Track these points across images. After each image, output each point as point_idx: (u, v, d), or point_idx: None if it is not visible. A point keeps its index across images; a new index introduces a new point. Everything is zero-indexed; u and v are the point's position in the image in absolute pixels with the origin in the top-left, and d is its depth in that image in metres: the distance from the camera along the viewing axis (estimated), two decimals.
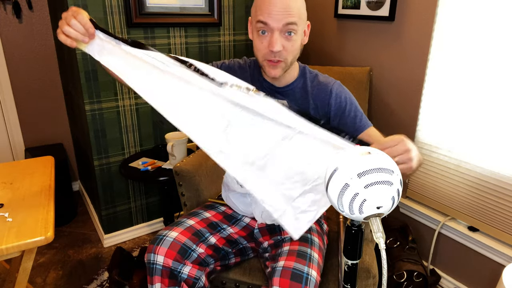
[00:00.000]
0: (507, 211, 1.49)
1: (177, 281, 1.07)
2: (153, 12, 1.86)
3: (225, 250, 1.18)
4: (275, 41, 1.00)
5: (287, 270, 0.99)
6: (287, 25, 0.99)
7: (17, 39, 2.24)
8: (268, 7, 0.98)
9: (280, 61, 1.05)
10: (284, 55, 1.04)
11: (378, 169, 0.63)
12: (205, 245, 1.13)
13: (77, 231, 2.24)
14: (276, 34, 1.00)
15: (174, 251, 1.07)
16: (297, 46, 1.06)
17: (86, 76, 1.77)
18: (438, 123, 1.68)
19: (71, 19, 0.89)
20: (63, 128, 2.54)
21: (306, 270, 0.99)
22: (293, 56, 1.07)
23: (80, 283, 1.80)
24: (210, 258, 1.14)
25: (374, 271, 1.20)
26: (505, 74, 1.41)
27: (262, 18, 1.00)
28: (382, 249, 0.64)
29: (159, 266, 1.05)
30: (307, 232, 1.14)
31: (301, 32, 1.06)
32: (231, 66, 1.21)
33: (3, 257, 1.06)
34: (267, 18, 0.99)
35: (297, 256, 1.03)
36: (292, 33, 1.01)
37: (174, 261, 1.06)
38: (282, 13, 0.98)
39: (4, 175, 1.40)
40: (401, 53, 1.77)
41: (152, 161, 1.90)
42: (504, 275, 1.15)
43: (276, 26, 0.99)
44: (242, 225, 1.26)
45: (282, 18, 0.98)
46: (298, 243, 1.09)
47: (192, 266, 1.09)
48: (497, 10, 1.40)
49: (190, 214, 1.24)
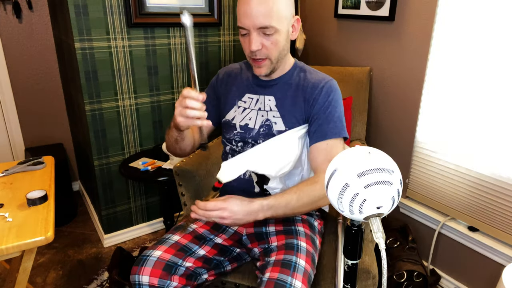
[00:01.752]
0: (507, 211, 1.49)
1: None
2: (153, 12, 1.86)
3: (217, 259, 1.16)
4: (252, 41, 1.08)
5: (271, 281, 0.98)
6: (262, 28, 1.06)
7: (17, 39, 2.24)
8: (243, 12, 1.06)
9: (263, 60, 1.12)
10: (265, 53, 1.10)
11: (378, 169, 0.63)
12: (193, 258, 1.11)
13: (77, 231, 2.24)
14: (254, 34, 1.07)
15: (159, 269, 1.05)
16: (279, 43, 1.10)
17: (86, 76, 1.77)
18: (438, 123, 1.68)
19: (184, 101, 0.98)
20: (63, 128, 2.54)
21: (289, 281, 0.97)
22: (278, 52, 1.12)
23: (80, 283, 1.80)
24: (201, 269, 1.12)
25: (374, 271, 1.19)
26: (505, 74, 1.41)
27: (240, 23, 1.09)
28: (382, 249, 0.64)
29: (145, 287, 1.04)
30: (294, 237, 1.13)
31: (285, 29, 1.10)
32: (229, 72, 1.33)
33: (3, 257, 1.07)
34: (243, 23, 1.07)
35: (281, 267, 1.02)
36: (269, 33, 1.07)
37: (160, 279, 1.04)
38: (256, 17, 1.04)
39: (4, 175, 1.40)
40: (401, 53, 1.77)
41: (152, 161, 1.90)
42: (504, 275, 1.15)
43: (252, 27, 1.06)
44: (230, 232, 1.24)
45: (255, 21, 1.05)
46: (283, 251, 1.07)
47: (179, 281, 1.07)
48: (497, 10, 1.40)
49: (175, 228, 1.21)
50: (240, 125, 1.24)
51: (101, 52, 1.78)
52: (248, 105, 1.24)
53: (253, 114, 1.22)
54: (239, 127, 1.24)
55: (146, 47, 1.90)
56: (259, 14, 1.04)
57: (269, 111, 1.20)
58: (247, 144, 1.23)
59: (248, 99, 1.25)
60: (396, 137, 1.87)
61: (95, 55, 1.77)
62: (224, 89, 1.31)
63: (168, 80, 2.03)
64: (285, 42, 1.12)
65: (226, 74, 1.33)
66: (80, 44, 1.72)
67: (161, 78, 2.00)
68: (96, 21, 1.73)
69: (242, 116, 1.24)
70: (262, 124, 1.20)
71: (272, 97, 1.20)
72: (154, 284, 1.04)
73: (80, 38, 1.71)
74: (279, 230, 1.18)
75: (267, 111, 1.20)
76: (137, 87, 1.94)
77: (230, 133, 1.27)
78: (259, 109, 1.22)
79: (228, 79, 1.31)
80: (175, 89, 2.06)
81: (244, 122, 1.23)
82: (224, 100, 1.30)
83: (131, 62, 1.88)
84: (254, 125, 1.21)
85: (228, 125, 1.27)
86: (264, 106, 1.21)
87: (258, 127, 1.20)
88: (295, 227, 1.19)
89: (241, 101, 1.25)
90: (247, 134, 1.22)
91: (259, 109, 1.22)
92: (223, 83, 1.32)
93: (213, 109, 1.31)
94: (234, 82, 1.29)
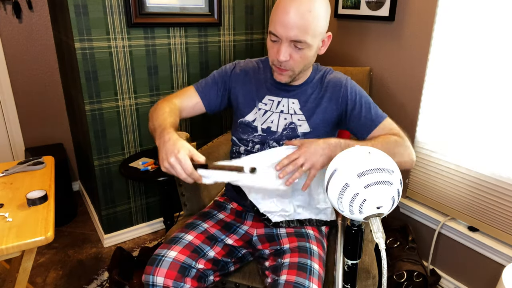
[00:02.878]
0: (507, 211, 1.49)
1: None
2: (153, 12, 1.86)
3: (224, 261, 1.16)
4: (281, 51, 1.04)
5: (289, 284, 0.97)
6: (295, 41, 1.03)
7: (17, 39, 2.24)
8: (280, 20, 1.02)
9: (287, 70, 1.10)
10: (291, 65, 1.08)
11: (378, 169, 0.63)
12: (204, 260, 1.10)
13: (77, 231, 2.24)
14: (285, 45, 1.04)
15: (174, 271, 1.03)
16: (308, 57, 1.08)
17: (86, 76, 1.77)
18: (438, 123, 1.68)
19: (176, 165, 0.93)
20: (63, 128, 2.54)
21: (307, 285, 0.98)
22: (303, 66, 1.11)
23: (80, 283, 1.80)
24: (209, 271, 1.11)
25: (374, 271, 1.19)
26: (505, 74, 1.41)
27: (273, 30, 1.05)
28: (382, 249, 0.64)
29: (160, 287, 1.02)
30: (305, 240, 1.13)
31: (316, 45, 1.08)
32: (247, 69, 1.29)
33: (3, 257, 1.06)
34: (277, 30, 1.03)
35: (297, 269, 1.01)
36: (301, 47, 1.04)
37: (174, 280, 1.03)
38: (292, 29, 1.01)
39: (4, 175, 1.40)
40: (401, 53, 1.77)
41: (152, 161, 1.90)
42: (504, 275, 1.15)
43: (285, 38, 1.03)
44: (241, 233, 1.23)
45: (291, 33, 1.01)
46: (297, 254, 1.07)
47: (191, 283, 1.06)
48: (497, 10, 1.40)
49: (187, 226, 1.19)
50: (262, 128, 1.22)
51: (101, 52, 1.78)
52: (269, 108, 1.22)
53: (275, 117, 1.21)
54: (260, 130, 1.22)
55: (146, 47, 1.90)
56: (296, 27, 1.00)
57: (293, 114, 1.19)
58: (266, 145, 1.22)
59: (269, 101, 1.23)
60: None
61: (95, 55, 1.77)
62: (241, 88, 1.27)
63: (168, 80, 2.03)
64: (312, 57, 1.11)
65: (243, 71, 1.29)
66: (80, 44, 1.72)
67: (161, 78, 2.00)
68: (96, 21, 1.73)
69: (264, 119, 1.22)
70: (285, 127, 1.19)
71: (296, 100, 1.20)
72: (169, 286, 1.02)
73: (80, 38, 1.71)
74: (290, 232, 1.18)
75: (291, 114, 1.19)
76: (137, 87, 1.94)
77: (248, 134, 1.24)
78: (281, 112, 1.20)
79: (246, 78, 1.28)
80: (175, 89, 2.06)
81: (266, 125, 1.21)
82: (242, 100, 1.27)
83: (131, 62, 1.88)
84: (276, 128, 1.20)
85: (248, 126, 1.25)
86: (288, 109, 1.20)
87: (281, 130, 1.20)
88: (305, 230, 1.19)
89: (262, 103, 1.23)
90: (268, 136, 1.21)
91: (281, 112, 1.20)
92: (239, 79, 1.28)
93: (214, 96, 1.29)
94: (252, 81, 1.27)
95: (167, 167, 0.94)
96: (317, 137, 1.14)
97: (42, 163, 1.48)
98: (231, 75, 1.29)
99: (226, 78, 1.30)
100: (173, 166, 0.93)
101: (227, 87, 1.29)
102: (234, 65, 1.31)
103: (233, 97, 1.29)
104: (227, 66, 1.32)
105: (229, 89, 1.29)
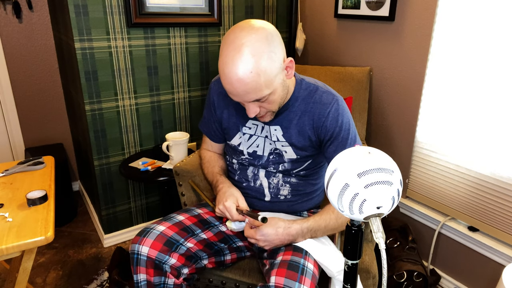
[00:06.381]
0: (507, 211, 1.49)
1: (162, 272, 1.06)
2: (153, 12, 1.86)
3: (218, 245, 1.17)
4: (249, 110, 1.03)
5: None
6: (252, 101, 1.01)
7: (17, 39, 2.24)
8: (229, 91, 1.00)
9: (265, 114, 1.09)
10: (265, 111, 1.07)
11: (378, 169, 0.63)
12: (195, 240, 1.12)
13: (77, 231, 2.24)
14: (248, 104, 1.03)
15: (160, 243, 1.06)
16: (278, 98, 1.05)
17: (86, 76, 1.77)
18: (438, 123, 1.68)
19: (224, 211, 1.14)
20: (63, 128, 2.54)
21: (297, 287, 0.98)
22: (278, 104, 1.08)
23: (80, 283, 1.80)
24: (202, 253, 1.13)
25: (374, 271, 1.20)
26: (505, 74, 1.41)
27: (229, 95, 1.03)
28: (382, 249, 0.64)
29: (143, 257, 1.04)
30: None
31: (277, 85, 1.01)
32: (224, 92, 1.24)
33: (3, 257, 1.06)
34: (233, 98, 1.02)
35: (288, 269, 1.01)
36: (263, 100, 1.02)
37: (159, 252, 1.05)
38: (243, 95, 0.98)
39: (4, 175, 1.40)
40: (401, 53, 1.77)
41: (152, 161, 1.90)
42: (504, 275, 1.15)
43: (243, 102, 1.03)
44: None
45: (245, 98, 1.00)
46: (291, 252, 1.07)
47: (178, 259, 1.08)
48: (497, 10, 1.40)
49: (181, 210, 1.23)
50: (248, 151, 1.22)
51: (101, 52, 1.78)
52: (254, 132, 1.21)
53: (261, 141, 1.20)
54: (247, 154, 1.23)
55: (146, 47, 1.90)
56: (246, 92, 0.96)
57: (276, 141, 1.17)
58: (255, 168, 1.23)
59: (253, 125, 1.21)
60: (396, 137, 1.87)
61: (95, 55, 1.77)
62: (222, 111, 1.26)
63: (168, 80, 2.03)
64: (282, 92, 1.06)
65: (221, 95, 1.25)
66: (80, 44, 1.72)
67: (161, 78, 2.00)
68: (96, 21, 1.73)
69: (249, 143, 1.22)
70: (271, 152, 1.19)
71: (278, 127, 1.16)
72: (152, 257, 1.05)
73: (80, 38, 1.71)
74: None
75: (274, 141, 1.18)
76: (137, 87, 1.94)
77: (237, 155, 1.26)
78: (266, 137, 1.19)
79: (225, 100, 1.24)
80: (175, 89, 2.06)
81: (252, 149, 1.22)
82: (226, 124, 1.26)
83: (131, 62, 1.88)
84: (262, 153, 1.20)
85: (235, 150, 1.26)
86: (271, 135, 1.18)
87: (267, 154, 1.20)
88: None
89: (246, 127, 1.22)
90: (256, 161, 1.22)
91: (266, 137, 1.19)
92: (220, 105, 1.26)
93: (219, 127, 1.30)
94: (231, 103, 1.23)
95: (218, 212, 1.17)
96: (305, 162, 1.17)
97: (42, 163, 1.48)
98: (214, 104, 1.28)
99: (213, 108, 1.29)
100: (222, 212, 1.14)
101: (217, 116, 1.28)
102: (210, 94, 1.29)
103: (221, 121, 1.28)
104: (209, 93, 1.30)
105: (219, 118, 1.28)
